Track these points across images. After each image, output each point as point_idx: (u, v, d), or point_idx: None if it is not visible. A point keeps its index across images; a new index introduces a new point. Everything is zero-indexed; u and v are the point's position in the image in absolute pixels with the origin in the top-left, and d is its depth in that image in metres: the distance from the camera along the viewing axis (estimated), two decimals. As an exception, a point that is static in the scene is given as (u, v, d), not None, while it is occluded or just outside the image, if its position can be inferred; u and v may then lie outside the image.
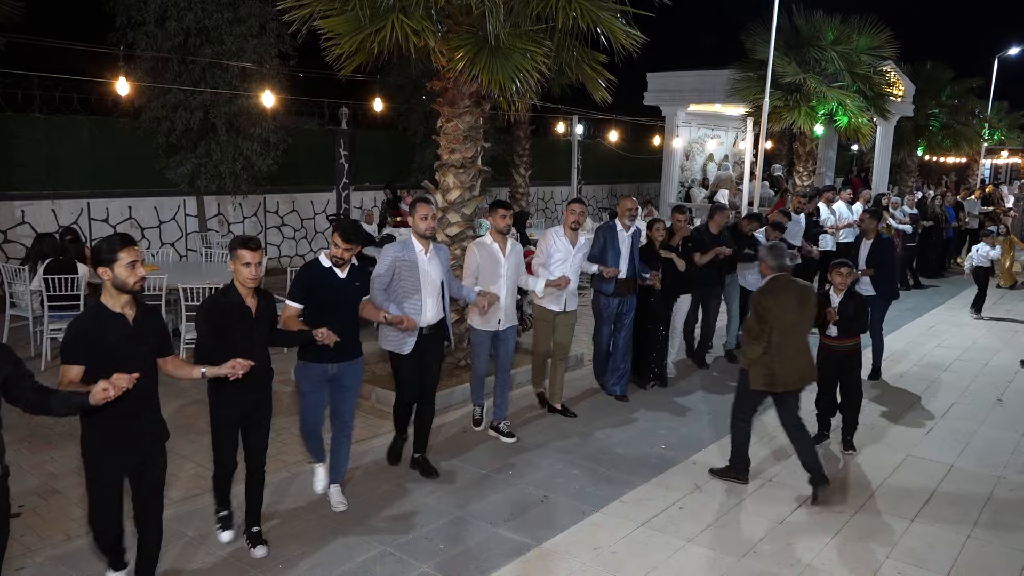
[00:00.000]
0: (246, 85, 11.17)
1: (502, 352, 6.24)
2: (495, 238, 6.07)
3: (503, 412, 6.40)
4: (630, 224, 7.06)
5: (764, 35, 14.37)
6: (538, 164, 17.75)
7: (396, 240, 11.30)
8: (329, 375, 4.85)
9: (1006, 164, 39.09)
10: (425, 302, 5.32)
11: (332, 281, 4.77)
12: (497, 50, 6.60)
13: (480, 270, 6.01)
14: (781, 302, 5.26)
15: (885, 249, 8.15)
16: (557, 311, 6.69)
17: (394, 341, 5.37)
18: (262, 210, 14.00)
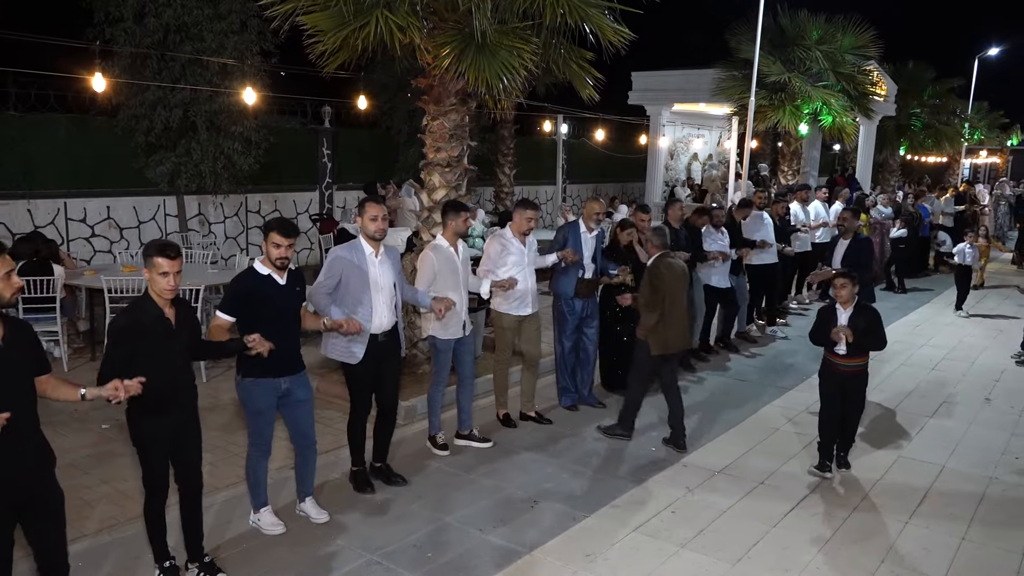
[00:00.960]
0: (227, 82, 10.97)
1: (467, 359, 6.00)
2: (449, 239, 5.80)
3: (470, 420, 6.19)
4: (595, 227, 6.90)
5: (749, 34, 14.36)
6: (522, 163, 17.64)
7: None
8: (281, 391, 4.57)
9: (985, 164, 39.45)
10: (377, 307, 5.03)
11: (272, 289, 4.44)
12: (484, 47, 6.49)
13: (439, 276, 5.71)
14: (670, 275, 6.08)
15: (862, 250, 7.92)
16: (522, 315, 6.46)
17: (340, 349, 5.07)
18: (243, 210, 13.80)
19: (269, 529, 4.72)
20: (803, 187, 12.50)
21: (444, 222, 5.88)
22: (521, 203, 6.57)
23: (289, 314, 4.57)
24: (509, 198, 17.10)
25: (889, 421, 7.00)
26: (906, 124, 22.19)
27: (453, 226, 5.78)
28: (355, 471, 5.38)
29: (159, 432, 3.96)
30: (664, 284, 6.05)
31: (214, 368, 7.79)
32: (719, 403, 7.38)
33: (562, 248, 6.78)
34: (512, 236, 6.42)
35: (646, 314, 6.09)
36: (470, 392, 6.15)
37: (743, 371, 8.49)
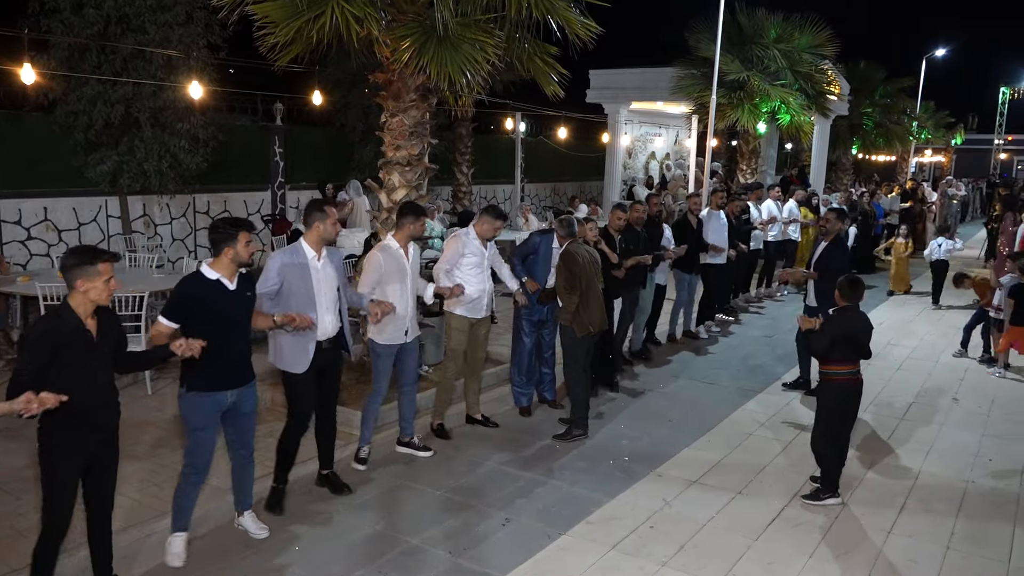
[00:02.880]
0: (172, 77, 10.45)
1: (410, 365, 5.73)
2: (400, 240, 5.54)
3: (411, 427, 5.92)
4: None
5: (707, 32, 14.27)
6: (480, 162, 17.36)
7: (335, 243, 10.81)
8: (227, 405, 4.26)
9: (930, 162, 40.39)
10: (321, 313, 4.77)
11: (220, 295, 4.14)
12: (446, 40, 6.20)
13: (384, 277, 5.43)
14: (582, 260, 6.22)
15: (836, 255, 7.48)
16: (476, 318, 6.27)
17: (290, 356, 4.79)
18: (191, 211, 13.24)
19: (170, 560, 4.29)
20: (756, 186, 12.55)
21: (399, 223, 5.58)
22: (490, 210, 6.32)
23: (239, 321, 4.28)
24: (467, 197, 16.82)
25: (859, 424, 6.86)
26: (858, 123, 22.48)
27: (409, 229, 5.52)
28: (274, 488, 4.99)
29: (71, 453, 3.59)
30: (578, 266, 6.18)
31: (160, 379, 7.34)
32: (689, 408, 7.20)
33: (533, 252, 6.71)
34: (474, 237, 6.22)
35: (567, 298, 6.22)
36: (412, 400, 5.89)
37: (709, 374, 8.34)
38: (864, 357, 5.43)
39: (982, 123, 42.74)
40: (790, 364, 8.03)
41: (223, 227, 4.18)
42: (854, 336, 5.31)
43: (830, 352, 5.31)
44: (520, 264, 6.77)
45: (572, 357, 6.39)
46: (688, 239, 9.00)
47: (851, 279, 5.49)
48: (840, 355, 5.31)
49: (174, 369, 5.05)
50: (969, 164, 41.92)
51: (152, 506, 4.79)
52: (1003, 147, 42.23)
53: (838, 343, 5.28)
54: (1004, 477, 5.81)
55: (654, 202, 8.74)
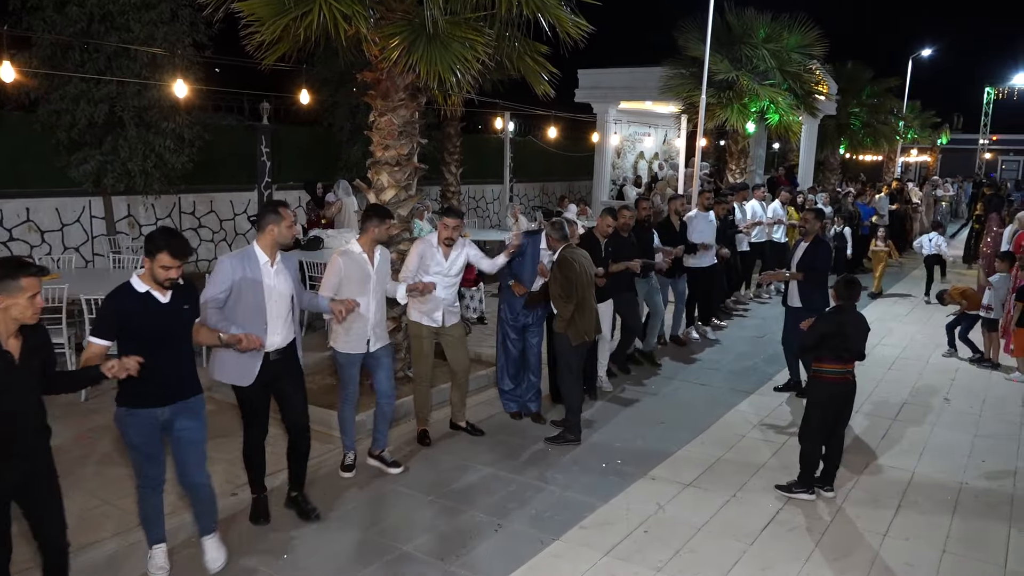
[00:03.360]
0: (157, 76, 10.32)
1: (382, 376, 5.47)
2: (364, 245, 5.28)
3: (384, 440, 5.66)
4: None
5: (696, 32, 14.25)
6: (469, 162, 17.27)
7: (323, 243, 10.70)
8: (161, 421, 3.96)
9: (915, 162, 40.62)
10: (271, 324, 4.47)
11: (152, 309, 3.84)
12: (435, 38, 6.11)
13: (344, 283, 5.19)
14: (578, 266, 6.09)
15: (819, 255, 7.31)
16: (433, 326, 6.01)
17: (233, 370, 4.48)
18: (177, 211, 13.10)
19: (154, 573, 4.14)
20: (742, 186, 12.38)
21: (364, 227, 5.32)
22: (443, 211, 6.13)
23: (175, 336, 3.96)
24: (456, 197, 16.72)
25: (853, 425, 6.84)
26: (846, 123, 22.55)
27: (374, 233, 5.25)
28: (255, 499, 4.85)
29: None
30: (574, 273, 6.06)
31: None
32: (681, 410, 7.14)
33: (520, 254, 6.50)
34: (436, 245, 5.97)
35: (563, 305, 6.09)
36: (387, 412, 5.57)
37: (700, 375, 8.30)
38: (858, 358, 5.39)
39: (967, 123, 43.08)
40: (781, 365, 8.00)
41: (155, 237, 3.83)
42: (847, 335, 5.27)
43: (819, 349, 5.29)
44: (506, 267, 6.58)
45: (567, 364, 6.26)
46: (671, 242, 8.70)
47: (848, 279, 5.47)
48: (831, 354, 5.27)
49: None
50: (954, 164, 42.16)
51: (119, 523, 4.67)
52: (988, 147, 42.52)
53: (829, 341, 5.25)
54: (997, 478, 5.79)
55: (643, 206, 8.49)
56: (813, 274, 7.20)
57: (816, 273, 7.21)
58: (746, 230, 11.26)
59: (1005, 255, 9.24)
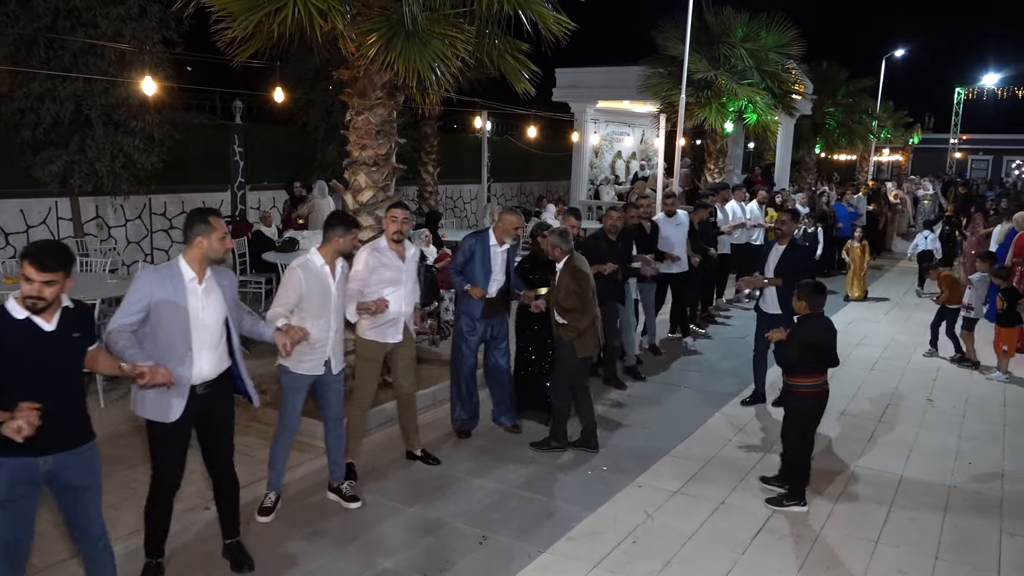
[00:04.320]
0: (125, 73, 10.02)
1: (332, 399, 4.94)
2: (326, 256, 4.74)
3: (341, 470, 5.13)
4: (508, 241, 6.14)
5: (675, 31, 14.21)
6: (445, 161, 17.09)
7: (299, 245, 10.47)
8: (41, 473, 3.34)
9: (888, 161, 41.09)
10: (198, 352, 3.86)
11: (29, 339, 3.23)
12: (414, 35, 5.94)
13: (305, 299, 4.64)
14: (590, 274, 5.90)
15: (799, 257, 7.05)
16: (388, 343, 5.37)
17: (153, 403, 3.85)
18: (147, 212, 12.77)
19: None
20: (722, 186, 12.17)
21: (327, 236, 4.76)
22: (396, 205, 5.57)
23: (60, 372, 3.34)
24: (433, 197, 16.55)
25: (838, 427, 6.79)
26: (821, 123, 22.67)
27: (338, 243, 4.73)
28: (147, 564, 4.12)
29: None
30: (590, 285, 5.86)
31: (116, 389, 6.97)
32: (666, 415, 7.04)
33: (468, 261, 6.10)
34: (387, 247, 5.35)
35: (578, 318, 5.81)
36: (340, 437, 5.09)
37: (684, 378, 8.21)
38: (832, 365, 5.28)
39: (938, 123, 43.63)
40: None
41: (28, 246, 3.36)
42: (821, 344, 5.16)
43: (801, 363, 5.12)
44: (459, 275, 6.13)
45: (563, 371, 6.00)
46: (641, 246, 8.17)
47: (816, 285, 5.30)
48: (809, 366, 5.13)
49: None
50: (926, 163, 42.72)
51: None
52: (958, 147, 43.13)
53: (807, 353, 5.11)
54: (985, 480, 5.74)
55: (631, 213, 7.91)
56: (793, 279, 6.44)
57: (795, 278, 6.38)
58: (728, 231, 10.94)
59: (986, 255, 9.26)
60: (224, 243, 3.89)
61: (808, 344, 5.11)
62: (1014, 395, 7.83)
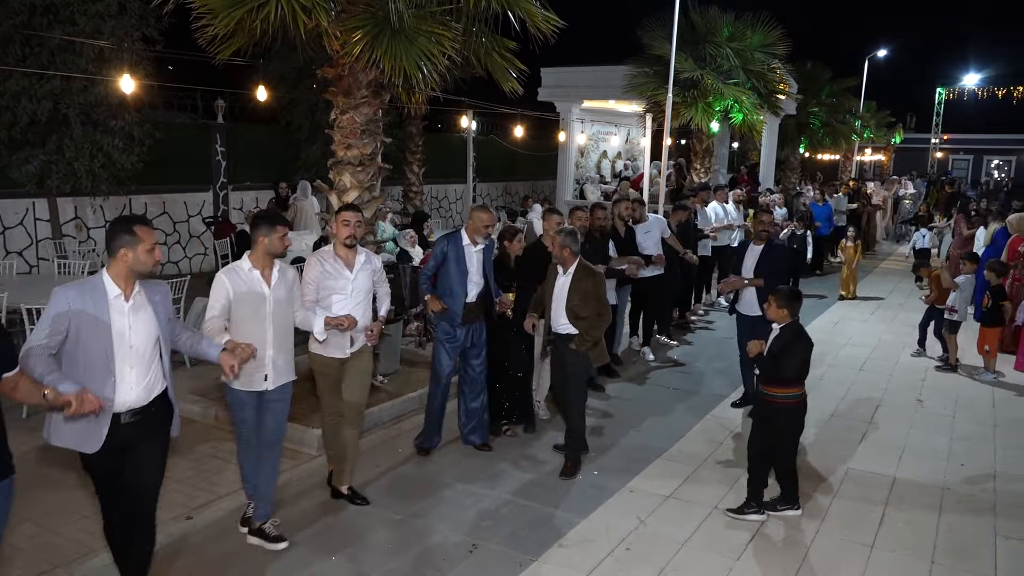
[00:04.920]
0: (104, 71, 9.84)
1: (269, 420, 4.45)
2: (256, 260, 4.31)
3: (266, 505, 4.56)
4: (481, 241, 5.80)
5: (660, 30, 14.15)
6: (430, 161, 16.96)
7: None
8: None
9: (870, 161, 41.33)
10: (122, 376, 3.47)
11: None
12: (400, 33, 5.84)
13: (234, 308, 4.23)
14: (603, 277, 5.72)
15: (777, 258, 6.82)
16: (342, 357, 4.92)
17: (72, 433, 3.47)
18: (127, 212, 12.57)
19: None
20: (702, 187, 11.97)
21: (252, 238, 4.35)
22: (346, 208, 5.05)
23: None
24: (419, 197, 16.42)
25: (829, 428, 6.75)
26: (806, 122, 22.72)
27: (264, 244, 4.28)
28: None
29: None
30: (604, 290, 5.63)
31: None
32: (656, 416, 6.96)
33: (441, 264, 5.73)
34: (332, 254, 4.89)
35: (598, 325, 5.52)
36: (274, 468, 4.57)
37: (674, 379, 8.14)
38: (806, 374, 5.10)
39: (919, 123, 43.93)
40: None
41: None
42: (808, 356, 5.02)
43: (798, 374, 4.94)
44: (428, 283, 5.79)
45: (579, 387, 5.70)
46: (619, 248, 7.86)
47: (796, 292, 5.13)
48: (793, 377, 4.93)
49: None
50: (907, 163, 42.99)
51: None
52: (939, 146, 43.44)
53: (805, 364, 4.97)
54: (978, 482, 5.70)
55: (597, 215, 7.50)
56: (773, 279, 6.40)
57: (776, 278, 6.43)
58: (713, 234, 10.69)
59: (971, 256, 9.23)
60: (153, 255, 3.51)
61: (805, 356, 4.95)
62: (1003, 395, 7.83)
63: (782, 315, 4.98)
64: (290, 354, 4.50)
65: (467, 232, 5.78)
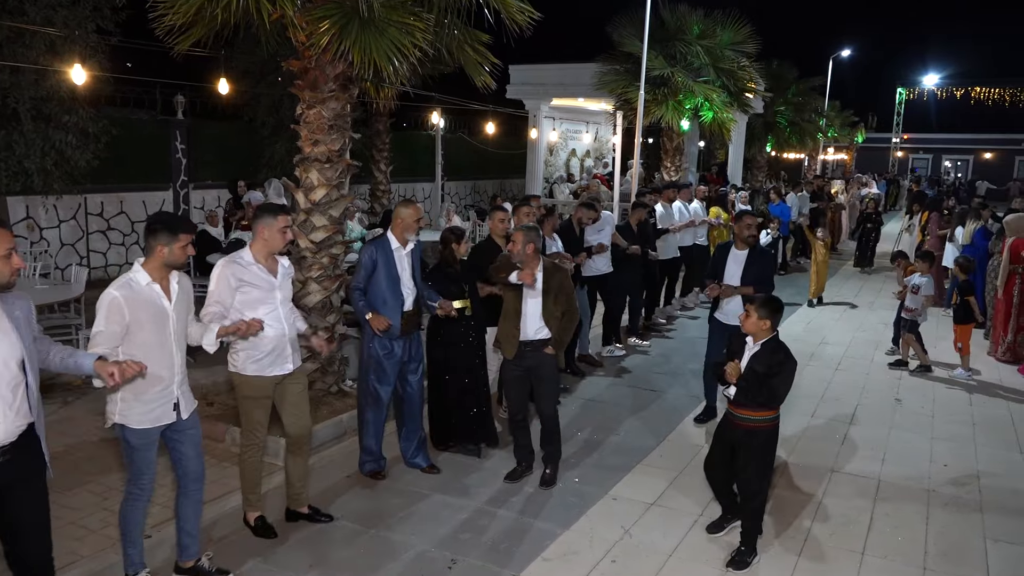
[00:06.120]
0: (56, 64, 9.40)
1: (189, 451, 3.93)
2: (153, 272, 3.70)
3: (196, 544, 4.10)
4: (410, 240, 5.37)
5: (630, 28, 14.05)
6: (398, 159, 16.67)
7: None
8: None
9: (833, 160, 41.84)
10: None
11: None
12: (370, 23, 5.58)
13: (133, 329, 3.63)
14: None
15: (765, 262, 6.42)
16: (276, 376, 4.44)
17: None
18: (83, 212, 12.08)
19: None
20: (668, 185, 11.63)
21: (148, 246, 3.73)
22: (265, 209, 4.47)
23: None
24: (386, 196, 16.13)
25: (810, 429, 6.64)
26: (772, 121, 22.85)
27: (163, 254, 3.69)
28: None
29: None
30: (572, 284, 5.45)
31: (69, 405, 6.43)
32: (635, 420, 6.80)
33: (371, 273, 5.20)
34: (253, 260, 4.36)
35: (570, 327, 5.29)
36: (197, 503, 4.06)
37: (651, 380, 7.99)
38: None
39: (881, 122, 44.62)
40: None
41: None
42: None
43: None
44: (363, 297, 5.20)
45: (553, 391, 5.46)
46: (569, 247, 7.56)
47: (779, 302, 4.49)
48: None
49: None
50: (869, 162, 43.67)
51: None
52: (900, 145, 44.16)
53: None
54: (962, 484, 5.62)
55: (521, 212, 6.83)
56: (762, 287, 5.87)
57: (764, 286, 5.95)
58: (675, 231, 10.33)
59: (925, 255, 8.87)
60: (10, 263, 3.00)
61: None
62: (979, 393, 7.81)
63: (763, 327, 4.33)
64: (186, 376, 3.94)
65: (394, 233, 5.29)
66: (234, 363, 4.41)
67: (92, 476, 5.15)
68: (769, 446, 4.43)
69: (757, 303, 4.38)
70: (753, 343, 4.37)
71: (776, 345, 4.34)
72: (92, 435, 5.82)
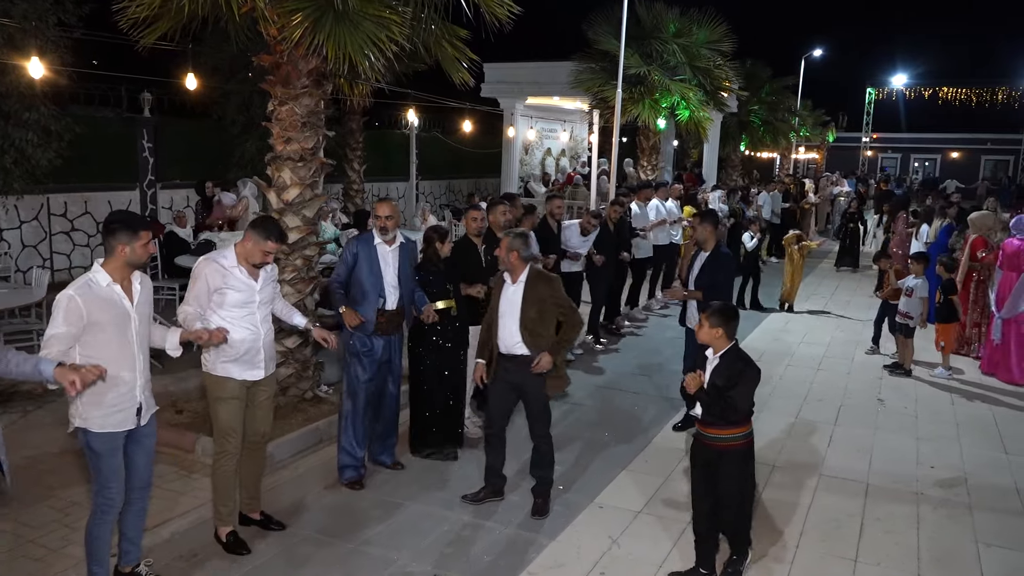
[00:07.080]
0: (14, 58, 9.05)
1: (141, 459, 3.81)
2: (114, 272, 3.58)
3: (137, 550, 3.96)
4: (393, 236, 5.24)
5: (606, 25, 13.94)
6: (371, 158, 16.41)
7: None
8: None
9: (804, 159, 42.13)
10: None
11: None
12: (344, 16, 5.40)
13: (94, 331, 3.50)
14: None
15: (720, 267, 6.11)
16: (250, 381, 4.34)
17: None
18: (45, 213, 11.69)
19: None
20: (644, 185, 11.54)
21: (108, 246, 3.60)
22: (262, 224, 4.35)
23: None
24: (360, 196, 15.87)
25: (795, 431, 6.56)
26: (746, 120, 22.88)
27: (124, 254, 3.57)
28: None
29: None
30: (564, 290, 4.96)
31: (32, 412, 6.15)
32: (619, 423, 6.66)
33: (351, 270, 5.13)
34: (235, 264, 4.27)
35: (571, 334, 5.02)
36: (141, 512, 3.93)
37: (632, 382, 7.86)
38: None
39: (851, 122, 45.06)
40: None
41: None
42: None
43: None
44: (341, 291, 5.16)
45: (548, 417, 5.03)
46: (547, 246, 7.60)
47: (732, 308, 4.27)
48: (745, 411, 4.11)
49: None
50: (840, 161, 44.02)
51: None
52: (869, 145, 44.66)
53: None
54: (950, 486, 5.56)
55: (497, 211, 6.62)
56: (712, 292, 5.79)
57: (716, 291, 5.80)
58: (648, 230, 10.23)
59: (919, 256, 8.85)
60: None
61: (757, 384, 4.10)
62: (960, 392, 7.78)
63: (716, 336, 4.04)
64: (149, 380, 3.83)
65: (377, 227, 5.24)
66: (205, 362, 4.31)
67: (54, 491, 4.92)
68: (746, 463, 4.15)
69: (708, 311, 4.12)
70: (712, 355, 4.11)
71: (736, 355, 4.07)
72: (53, 446, 5.57)
